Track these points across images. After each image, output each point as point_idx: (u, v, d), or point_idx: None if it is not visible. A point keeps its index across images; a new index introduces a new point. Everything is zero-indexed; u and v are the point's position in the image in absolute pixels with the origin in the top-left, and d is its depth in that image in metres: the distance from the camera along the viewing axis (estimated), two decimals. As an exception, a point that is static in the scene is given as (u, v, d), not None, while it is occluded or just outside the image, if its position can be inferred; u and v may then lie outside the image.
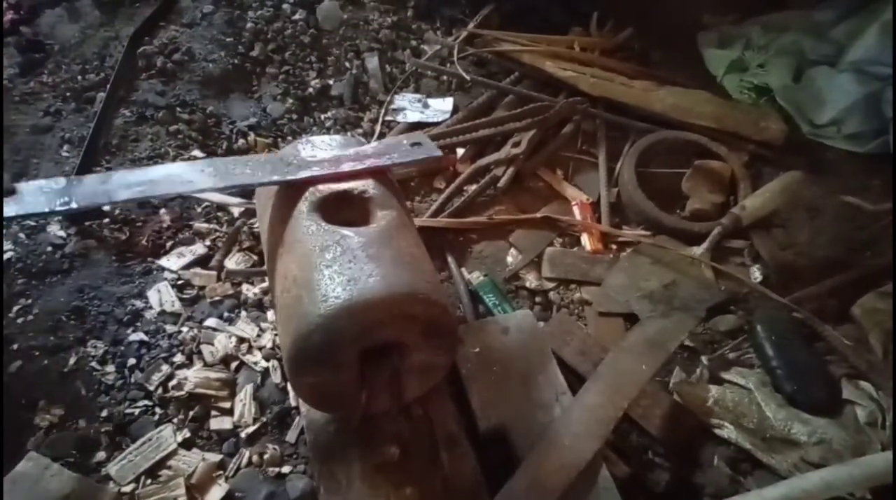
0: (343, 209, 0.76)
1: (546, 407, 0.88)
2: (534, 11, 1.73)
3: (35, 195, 0.69)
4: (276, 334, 1.00)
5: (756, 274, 1.17)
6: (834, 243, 1.19)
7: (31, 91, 1.35)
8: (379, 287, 0.65)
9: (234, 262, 1.11)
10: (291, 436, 0.90)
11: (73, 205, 0.70)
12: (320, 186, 0.77)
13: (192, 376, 0.93)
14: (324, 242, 0.70)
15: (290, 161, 0.79)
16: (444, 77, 1.55)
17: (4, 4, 1.50)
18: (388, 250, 0.70)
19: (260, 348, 0.99)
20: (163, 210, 1.17)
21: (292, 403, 0.92)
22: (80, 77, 1.38)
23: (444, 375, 0.81)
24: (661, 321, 1.02)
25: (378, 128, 1.40)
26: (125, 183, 0.73)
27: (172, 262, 1.10)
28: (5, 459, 0.81)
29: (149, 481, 0.84)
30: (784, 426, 0.92)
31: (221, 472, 0.86)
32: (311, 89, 1.46)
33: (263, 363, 0.97)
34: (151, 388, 0.93)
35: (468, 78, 1.48)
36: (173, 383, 0.93)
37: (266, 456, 0.87)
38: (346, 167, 0.79)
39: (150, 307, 1.03)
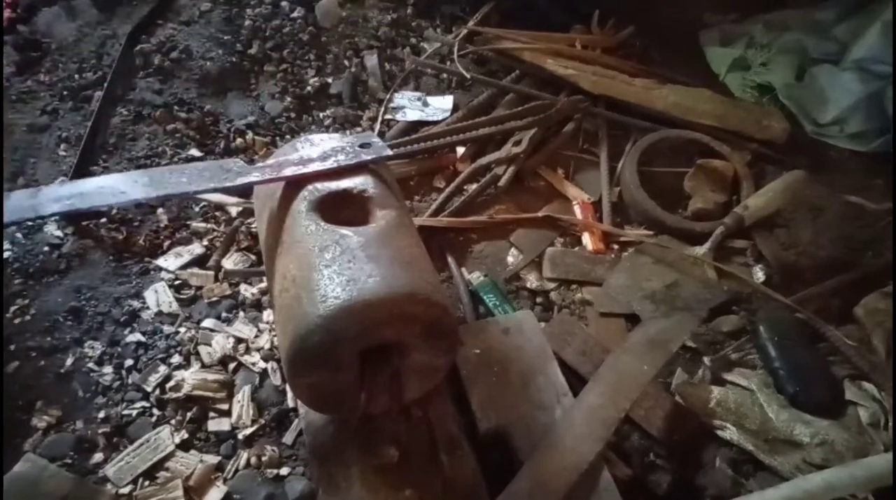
0: (342, 209, 0.76)
1: (547, 408, 0.87)
2: (534, 9, 1.73)
3: None
4: (274, 335, 0.99)
5: (759, 274, 1.17)
6: (837, 243, 1.18)
7: (29, 90, 1.34)
8: (379, 287, 0.64)
9: (231, 262, 1.10)
10: (290, 438, 0.89)
11: None
12: (318, 185, 0.76)
13: (190, 378, 0.93)
14: (323, 241, 0.70)
15: (230, 168, 0.79)
16: (444, 75, 1.54)
17: (2, 3, 1.49)
18: (387, 250, 0.70)
19: (258, 349, 0.98)
20: (160, 210, 1.16)
21: (290, 404, 0.92)
22: (77, 76, 1.37)
23: (445, 376, 0.81)
24: (662, 322, 1.01)
25: (377, 126, 1.39)
26: (54, 197, 0.74)
27: (170, 262, 1.09)
28: (3, 460, 0.80)
29: (146, 482, 0.83)
30: (786, 428, 0.91)
31: (220, 474, 0.85)
32: (309, 88, 1.45)
33: (262, 364, 0.96)
34: (149, 389, 0.92)
35: (468, 76, 1.47)
36: (171, 384, 0.92)
37: (264, 458, 0.86)
38: (289, 172, 0.77)
39: (148, 308, 1.02)
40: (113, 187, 0.75)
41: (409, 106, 1.44)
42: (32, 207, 0.72)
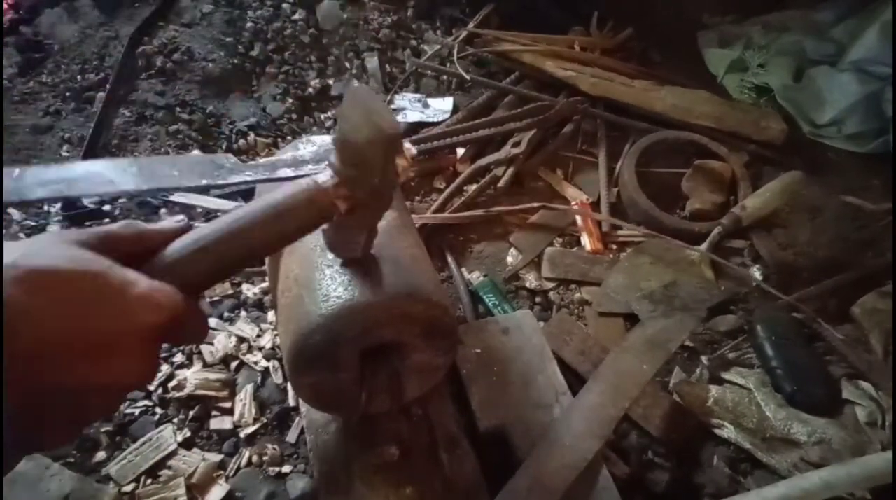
0: (344, 209, 0.76)
1: (546, 407, 0.87)
2: (534, 11, 1.73)
3: None
4: (276, 334, 1.00)
5: (756, 274, 1.17)
6: (834, 243, 1.19)
7: (31, 91, 1.35)
8: (380, 287, 0.65)
9: (234, 262, 1.11)
10: (292, 436, 0.90)
11: None
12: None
13: (192, 377, 0.93)
14: (324, 242, 0.70)
15: (222, 164, 0.75)
16: (444, 77, 1.55)
17: (4, 4, 1.50)
18: (389, 251, 0.70)
19: (260, 348, 0.99)
20: (163, 211, 1.17)
21: (292, 403, 0.92)
22: (79, 77, 1.38)
23: (445, 375, 0.81)
24: (661, 321, 1.02)
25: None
26: (39, 180, 0.66)
27: (172, 262, 1.10)
28: (3, 459, 0.80)
29: (149, 481, 0.84)
30: (784, 426, 0.92)
31: (222, 472, 0.86)
32: (310, 89, 1.46)
33: (263, 363, 0.97)
34: (151, 388, 0.93)
35: (468, 78, 1.48)
36: (173, 383, 0.93)
37: (266, 456, 0.87)
38: (282, 173, 0.76)
39: (150, 307, 1.03)
40: (101, 175, 0.68)
41: (410, 107, 1.45)
42: (16, 189, 0.64)
